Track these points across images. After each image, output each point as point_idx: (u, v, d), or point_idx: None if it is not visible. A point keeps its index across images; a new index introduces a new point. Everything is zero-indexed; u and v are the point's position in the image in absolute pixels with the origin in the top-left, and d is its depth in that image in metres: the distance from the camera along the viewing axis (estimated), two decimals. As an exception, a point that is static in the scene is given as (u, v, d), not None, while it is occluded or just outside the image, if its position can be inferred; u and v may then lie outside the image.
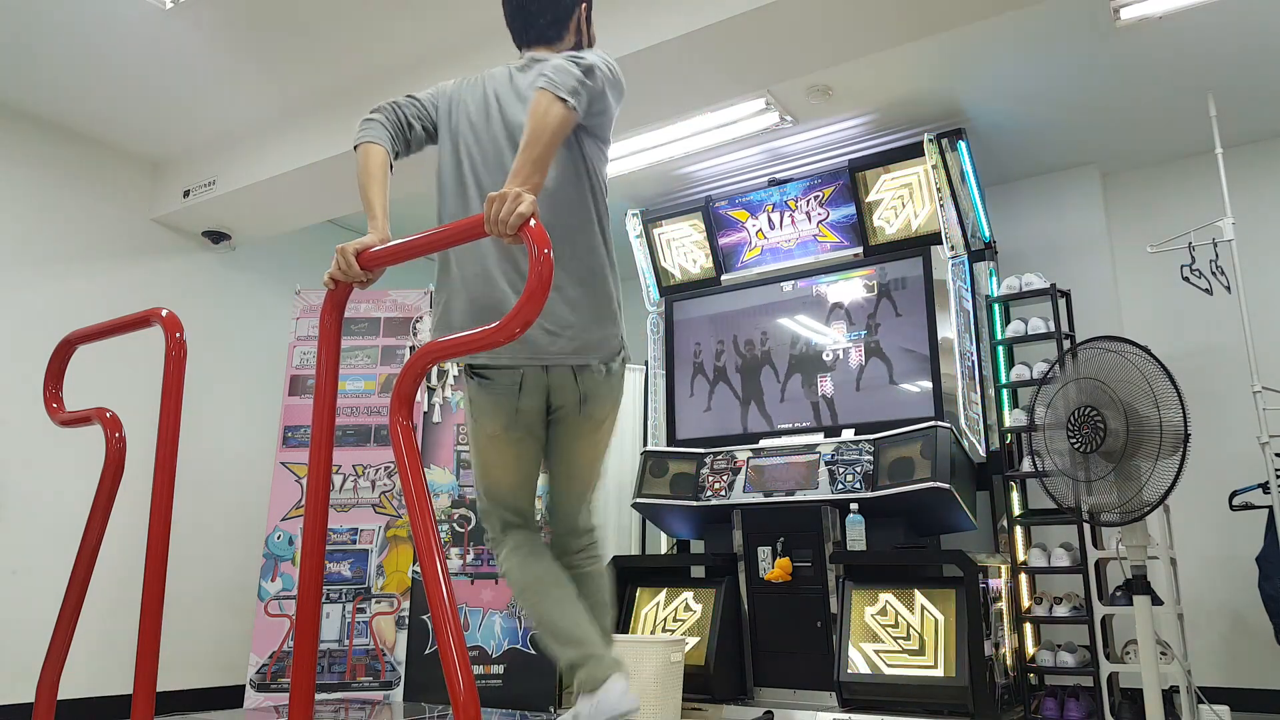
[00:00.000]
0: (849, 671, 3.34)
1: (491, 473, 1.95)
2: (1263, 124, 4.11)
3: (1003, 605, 3.51)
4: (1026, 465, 3.71)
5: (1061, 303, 3.97)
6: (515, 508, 1.97)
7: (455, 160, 1.96)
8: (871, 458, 3.68)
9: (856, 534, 3.57)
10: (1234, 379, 4.07)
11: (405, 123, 1.96)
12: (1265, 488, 3.47)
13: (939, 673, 3.20)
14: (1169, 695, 3.30)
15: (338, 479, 4.19)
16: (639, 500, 4.16)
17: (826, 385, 4.06)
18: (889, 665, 3.30)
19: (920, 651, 3.27)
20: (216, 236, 4.65)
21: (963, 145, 3.89)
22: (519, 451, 1.92)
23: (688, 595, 3.85)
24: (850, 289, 4.12)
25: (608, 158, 2.02)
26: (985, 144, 4.25)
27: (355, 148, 1.87)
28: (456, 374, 4.38)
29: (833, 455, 3.77)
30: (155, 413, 4.02)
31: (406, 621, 4.00)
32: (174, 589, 4.22)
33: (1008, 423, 3.83)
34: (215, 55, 3.66)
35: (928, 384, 3.79)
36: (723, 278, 4.52)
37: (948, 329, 3.80)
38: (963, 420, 3.68)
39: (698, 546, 4.66)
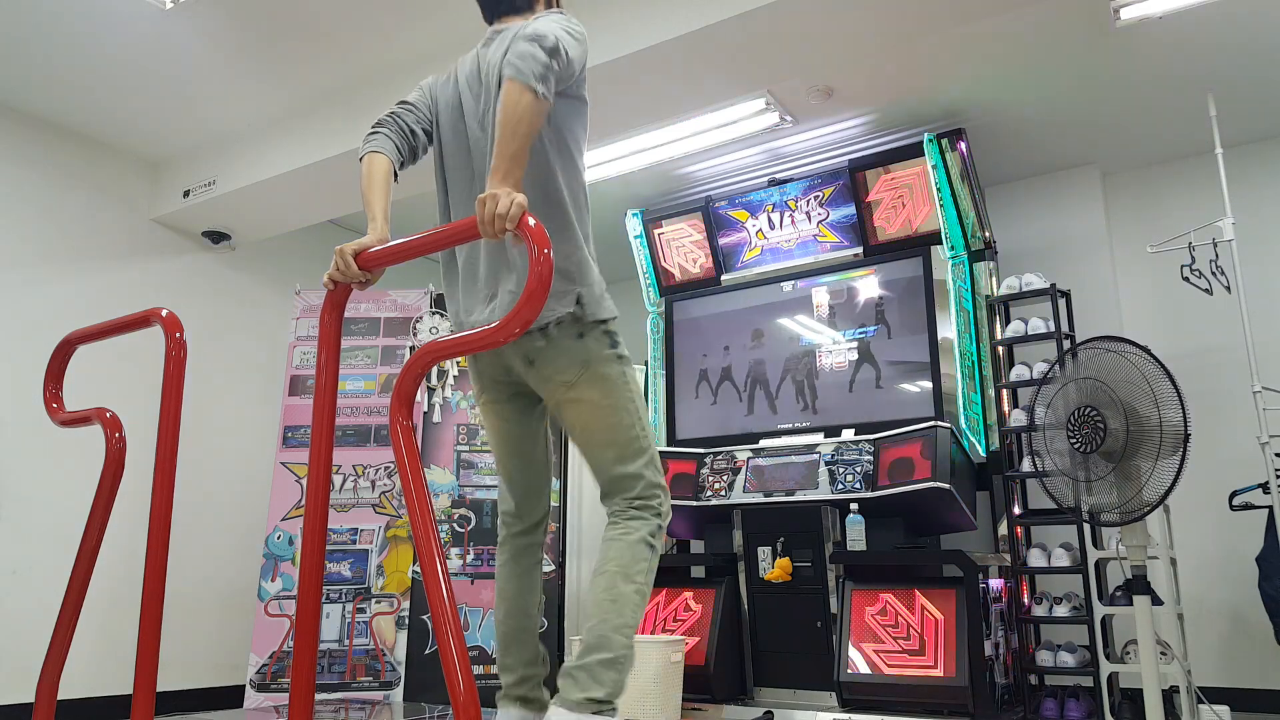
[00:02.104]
0: (849, 671, 3.34)
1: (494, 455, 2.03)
2: (1263, 124, 4.11)
3: (1003, 605, 3.51)
4: (1026, 465, 3.71)
5: (1061, 303, 3.97)
6: (503, 505, 2.02)
7: (440, 158, 1.99)
8: (871, 458, 3.68)
9: (856, 534, 3.56)
10: (1234, 379, 4.07)
11: (408, 130, 1.95)
12: (1265, 488, 3.46)
13: (939, 673, 3.19)
14: (1169, 695, 3.30)
15: (338, 479, 4.19)
16: (639, 500, 4.15)
17: (826, 385, 4.06)
18: (889, 665, 3.30)
19: (920, 651, 3.27)
20: (216, 236, 4.64)
21: (963, 145, 3.89)
22: (495, 424, 1.96)
23: (688, 595, 3.85)
24: (850, 289, 4.12)
25: (584, 115, 1.93)
26: (985, 144, 4.25)
27: (360, 160, 1.87)
28: (456, 374, 4.38)
29: (833, 455, 3.77)
30: (155, 413, 4.02)
31: (406, 621, 4.00)
32: (174, 589, 4.22)
33: (1008, 423, 3.83)
34: (215, 55, 3.66)
35: (928, 384, 3.79)
36: (723, 278, 4.51)
37: (948, 329, 3.80)
38: (963, 420, 3.68)
39: (698, 546, 4.66)
